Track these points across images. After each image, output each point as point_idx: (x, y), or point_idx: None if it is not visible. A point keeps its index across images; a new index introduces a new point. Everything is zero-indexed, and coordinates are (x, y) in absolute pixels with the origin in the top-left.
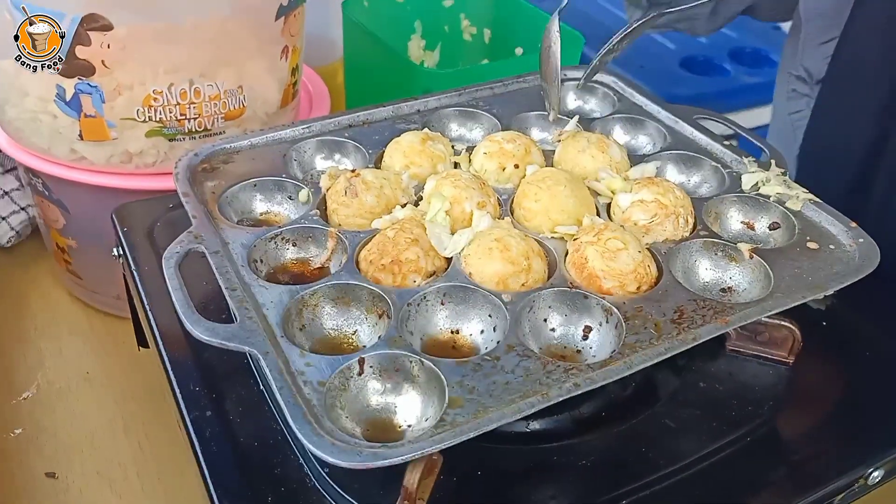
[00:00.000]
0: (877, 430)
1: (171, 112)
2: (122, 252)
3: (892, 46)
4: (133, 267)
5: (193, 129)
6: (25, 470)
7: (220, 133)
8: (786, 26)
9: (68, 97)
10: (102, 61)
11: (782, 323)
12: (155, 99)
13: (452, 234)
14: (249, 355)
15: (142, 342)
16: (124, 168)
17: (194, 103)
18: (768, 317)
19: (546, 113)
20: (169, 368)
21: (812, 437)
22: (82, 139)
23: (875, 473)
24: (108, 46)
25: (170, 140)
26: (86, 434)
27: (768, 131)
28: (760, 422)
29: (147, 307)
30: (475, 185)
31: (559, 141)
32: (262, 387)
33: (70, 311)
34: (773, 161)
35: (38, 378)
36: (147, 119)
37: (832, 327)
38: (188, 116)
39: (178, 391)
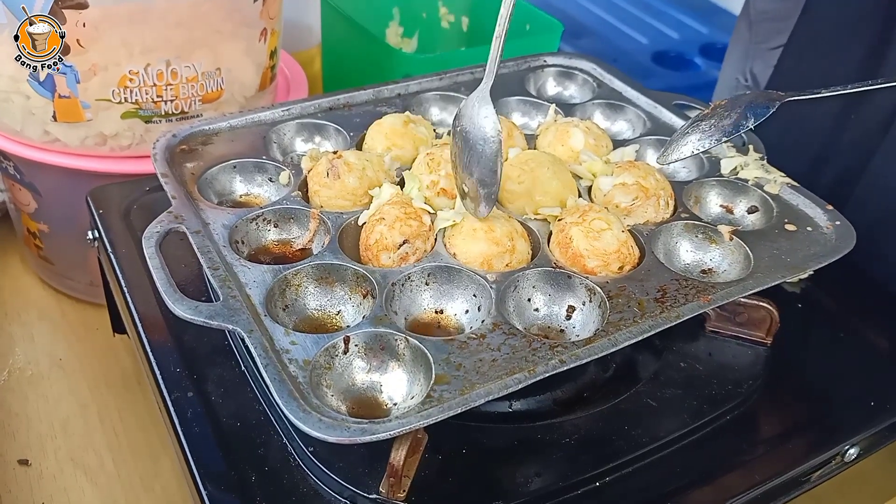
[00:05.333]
0: (852, 409)
1: (147, 93)
2: (97, 235)
3: (836, 60)
4: (109, 249)
5: (170, 112)
6: None
7: (198, 116)
8: None
9: (42, 77)
10: (77, 40)
11: (760, 304)
12: (131, 80)
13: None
14: (233, 334)
15: (117, 328)
16: (99, 150)
17: (171, 85)
18: (747, 297)
19: (526, 98)
20: (148, 350)
21: (789, 415)
22: (56, 120)
23: (850, 451)
24: (84, 25)
25: (146, 122)
26: (59, 421)
27: None
28: (739, 401)
29: (124, 290)
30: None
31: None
32: (243, 368)
33: (41, 297)
34: (751, 146)
35: (8, 364)
36: (123, 100)
37: (808, 309)
38: (165, 98)
39: (157, 373)
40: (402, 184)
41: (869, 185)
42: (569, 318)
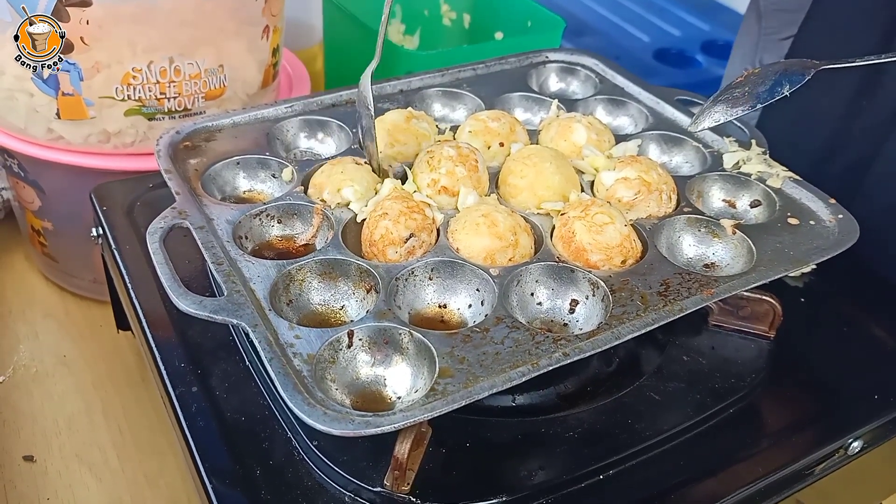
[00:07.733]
0: (855, 403)
1: (150, 90)
2: (101, 232)
3: (848, 50)
4: (113, 246)
5: (173, 109)
6: (3, 453)
7: (201, 113)
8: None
9: (45, 75)
10: (81, 38)
11: (763, 297)
12: (134, 77)
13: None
14: (237, 329)
15: (122, 324)
16: (102, 148)
17: (174, 82)
18: (750, 291)
19: (529, 94)
20: (153, 346)
21: (793, 408)
22: (60, 118)
23: (854, 444)
24: (87, 23)
25: (149, 119)
26: (64, 417)
27: None
28: (742, 394)
29: (129, 286)
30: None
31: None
32: (247, 362)
33: (45, 294)
34: (753, 140)
35: (13, 362)
36: (126, 98)
37: (811, 303)
38: (168, 95)
39: (162, 368)
40: (404, 178)
41: (881, 174)
42: (572, 311)
